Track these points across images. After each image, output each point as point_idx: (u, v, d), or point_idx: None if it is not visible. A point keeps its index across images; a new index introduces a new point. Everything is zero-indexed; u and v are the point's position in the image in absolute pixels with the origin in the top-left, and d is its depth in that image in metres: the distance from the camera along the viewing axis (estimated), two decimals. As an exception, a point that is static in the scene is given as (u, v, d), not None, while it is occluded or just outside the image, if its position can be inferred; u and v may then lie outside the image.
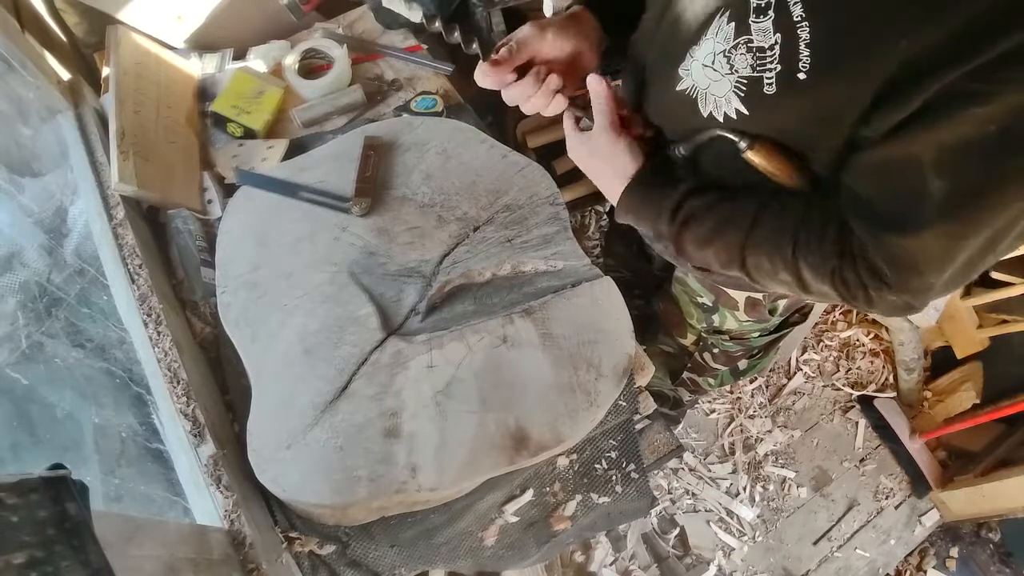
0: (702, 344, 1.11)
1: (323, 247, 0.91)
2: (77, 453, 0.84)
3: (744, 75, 0.57)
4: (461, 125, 1.04)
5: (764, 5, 0.53)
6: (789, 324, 1.02)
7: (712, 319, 1.02)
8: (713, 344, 1.08)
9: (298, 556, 0.76)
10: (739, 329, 1.01)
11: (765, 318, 0.97)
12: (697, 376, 1.21)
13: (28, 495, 0.40)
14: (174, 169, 1.00)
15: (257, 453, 0.76)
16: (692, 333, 1.10)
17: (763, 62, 0.55)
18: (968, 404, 1.68)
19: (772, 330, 1.02)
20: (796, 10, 0.51)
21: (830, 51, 0.51)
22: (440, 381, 0.79)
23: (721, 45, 0.58)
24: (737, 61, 0.57)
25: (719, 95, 0.60)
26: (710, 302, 0.98)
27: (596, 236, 2.00)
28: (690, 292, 1.01)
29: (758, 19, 0.54)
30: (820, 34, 0.51)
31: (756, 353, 1.09)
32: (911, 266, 0.55)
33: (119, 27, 1.09)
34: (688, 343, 1.14)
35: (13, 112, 0.98)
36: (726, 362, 1.12)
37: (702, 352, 1.13)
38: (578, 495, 0.86)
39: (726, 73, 0.58)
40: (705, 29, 0.60)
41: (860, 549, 1.65)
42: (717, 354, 1.10)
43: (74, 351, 0.90)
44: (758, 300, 0.93)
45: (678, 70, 0.65)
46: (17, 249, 0.95)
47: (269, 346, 0.83)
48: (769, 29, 0.53)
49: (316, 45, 1.15)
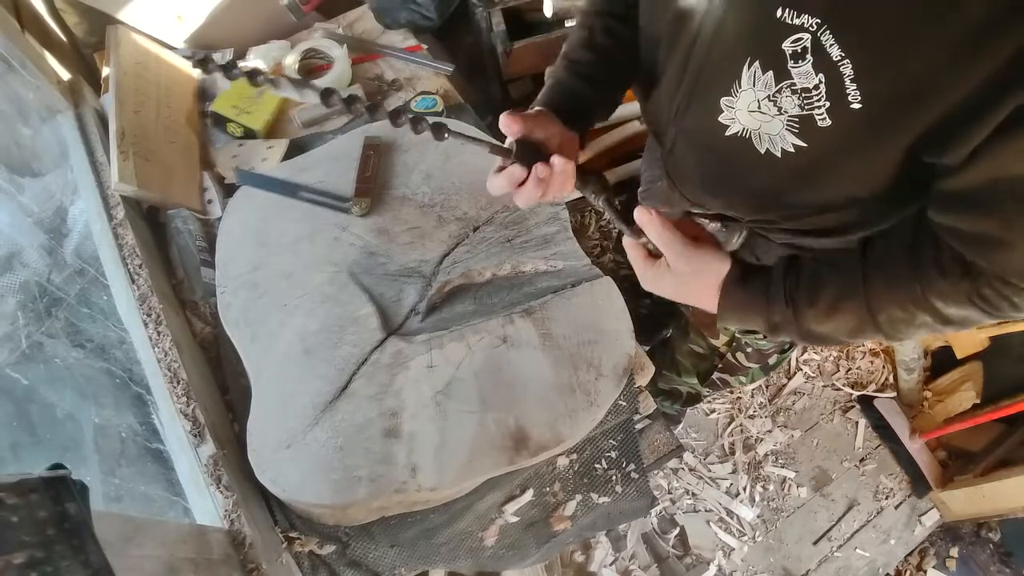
0: (735, 345, 1.11)
1: (323, 247, 0.91)
2: (77, 453, 0.84)
3: (794, 114, 0.57)
4: (461, 125, 1.04)
5: (801, 51, 0.53)
6: None
7: None
8: (747, 343, 1.08)
9: (298, 556, 0.76)
10: None
11: None
12: (729, 376, 1.21)
13: (28, 495, 0.40)
14: (174, 169, 1.00)
15: (257, 453, 0.76)
16: (725, 334, 1.10)
17: (811, 101, 0.55)
18: (968, 404, 1.68)
19: None
20: (835, 51, 0.50)
21: (880, 84, 0.50)
22: (440, 381, 0.79)
23: (763, 92, 0.58)
24: (784, 103, 0.57)
25: (773, 133, 0.60)
26: None
27: (596, 236, 2.00)
28: None
29: (796, 64, 0.53)
30: (865, 68, 0.50)
31: (787, 347, 1.09)
32: None
33: (119, 27, 1.09)
34: (720, 344, 1.13)
35: (13, 112, 0.98)
36: (759, 360, 1.11)
37: (735, 352, 1.12)
38: (578, 495, 0.86)
39: (775, 115, 0.58)
40: (736, 79, 0.60)
41: (860, 549, 1.65)
42: (751, 353, 1.10)
43: (74, 351, 0.90)
44: None
45: (718, 119, 0.64)
46: (17, 249, 0.95)
47: (269, 346, 0.83)
48: (810, 72, 0.53)
49: (316, 45, 1.15)
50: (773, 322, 0.65)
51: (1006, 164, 0.48)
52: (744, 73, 0.59)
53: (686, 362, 1.29)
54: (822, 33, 0.50)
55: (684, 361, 1.29)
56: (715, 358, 1.19)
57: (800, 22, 0.51)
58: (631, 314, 0.86)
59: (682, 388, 1.41)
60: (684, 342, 1.25)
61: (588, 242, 1.98)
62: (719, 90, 0.62)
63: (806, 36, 0.51)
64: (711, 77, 0.63)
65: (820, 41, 0.50)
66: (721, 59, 0.60)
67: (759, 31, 0.55)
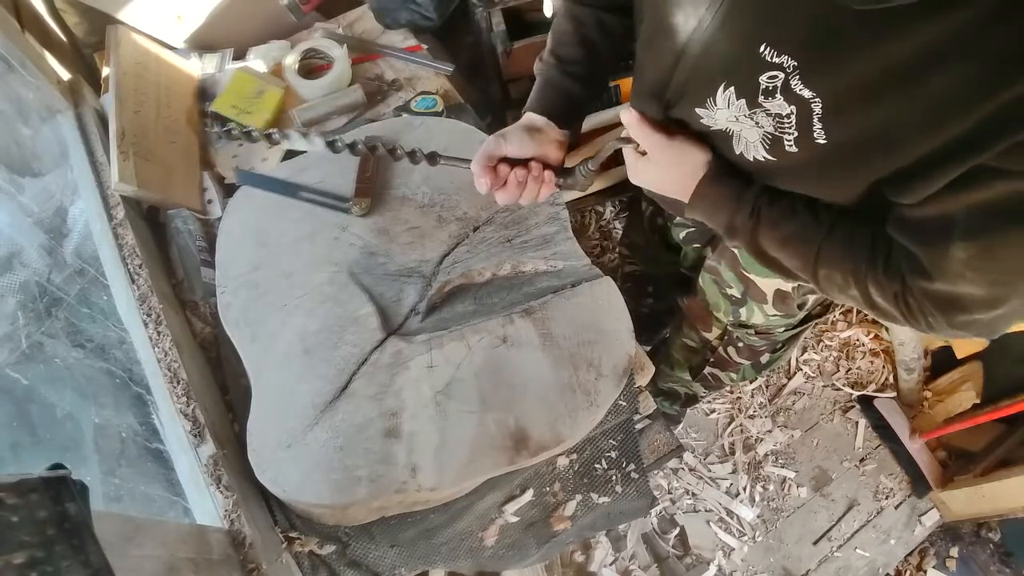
0: (727, 338, 1.11)
1: (323, 247, 0.91)
2: (77, 453, 0.84)
3: (768, 131, 0.59)
4: (461, 125, 1.04)
5: (772, 88, 0.55)
6: (812, 318, 1.03)
7: (739, 312, 1.02)
8: (738, 338, 1.09)
9: (298, 556, 0.76)
10: (765, 323, 1.01)
11: (793, 312, 0.97)
12: (720, 371, 1.21)
13: (28, 495, 0.40)
14: (174, 169, 1.00)
15: (257, 453, 0.76)
16: (717, 327, 1.11)
17: (782, 126, 0.57)
18: (968, 404, 1.68)
19: (796, 324, 1.03)
20: (805, 92, 0.52)
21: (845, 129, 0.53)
22: (440, 381, 0.79)
23: (737, 112, 0.61)
24: (760, 119, 0.59)
25: (750, 140, 0.63)
26: (739, 293, 0.99)
27: (596, 236, 2.00)
28: (721, 282, 1.01)
29: (766, 99, 0.56)
30: (832, 112, 0.52)
31: (779, 347, 1.09)
32: (955, 306, 0.56)
33: (119, 27, 1.09)
34: (712, 337, 1.14)
35: (13, 112, 0.98)
36: (749, 356, 1.12)
37: (726, 346, 1.13)
38: (578, 495, 0.86)
39: (751, 126, 0.61)
40: (711, 97, 0.62)
41: (860, 549, 1.65)
42: (741, 348, 1.11)
43: (74, 351, 0.90)
44: (787, 293, 0.93)
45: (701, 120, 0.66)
46: (17, 249, 0.95)
47: (269, 346, 0.83)
48: (783, 103, 0.55)
49: (316, 45, 1.15)
50: (733, 225, 0.69)
51: (951, 211, 0.52)
52: (719, 94, 0.61)
53: (679, 356, 1.29)
54: (793, 75, 0.52)
55: (677, 355, 1.30)
56: (707, 352, 1.19)
57: (779, 61, 0.53)
58: (632, 314, 0.86)
59: (679, 388, 1.41)
60: (678, 336, 1.26)
61: (588, 242, 1.98)
62: (698, 102, 0.65)
63: (780, 75, 0.53)
64: (693, 92, 0.65)
65: (790, 83, 0.53)
66: (700, 78, 0.63)
67: (739, 62, 0.57)
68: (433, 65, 1.19)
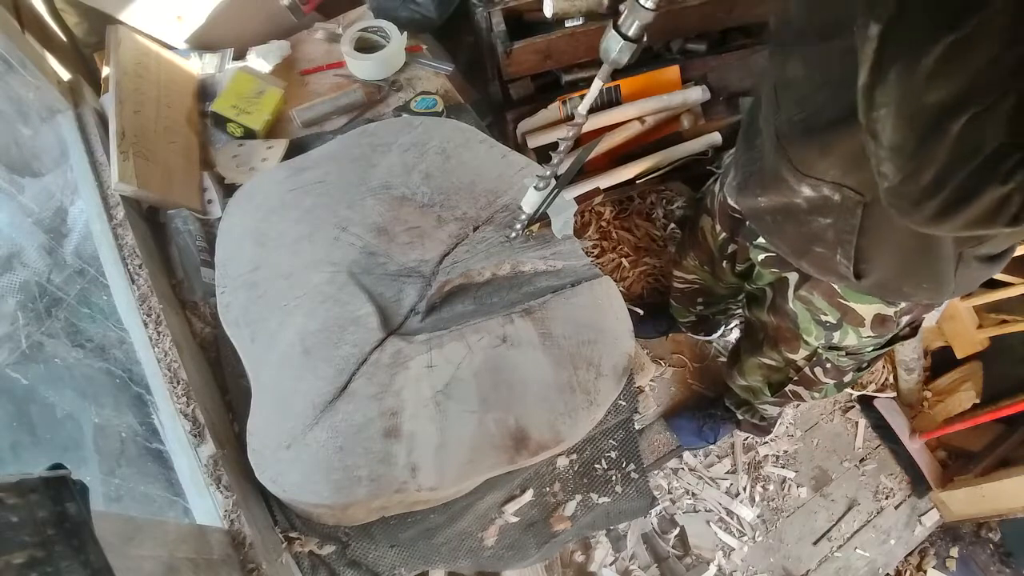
0: (815, 359, 1.10)
1: (323, 247, 0.91)
2: (77, 453, 0.84)
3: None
4: (461, 125, 1.04)
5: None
6: (900, 338, 1.02)
7: (832, 336, 1.01)
8: (827, 359, 1.08)
9: (298, 556, 0.76)
10: (858, 345, 1.01)
11: (889, 332, 0.96)
12: (804, 389, 1.21)
13: (28, 495, 0.40)
14: (174, 169, 1.00)
15: (257, 453, 0.76)
16: (806, 348, 1.10)
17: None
18: (968, 404, 1.68)
19: (884, 344, 1.02)
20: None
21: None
22: (440, 381, 0.79)
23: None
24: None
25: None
26: (835, 319, 0.98)
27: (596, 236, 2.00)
28: (813, 310, 1.00)
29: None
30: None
31: (864, 366, 1.09)
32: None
33: (119, 27, 1.09)
34: (798, 358, 1.13)
35: (13, 112, 0.98)
36: (835, 376, 1.11)
37: (813, 367, 1.12)
38: (578, 495, 0.86)
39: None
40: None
41: (860, 549, 1.65)
42: (829, 368, 1.10)
43: (74, 351, 0.90)
44: (888, 316, 0.92)
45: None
46: (17, 249, 0.95)
47: (269, 346, 0.83)
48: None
49: (379, 24, 1.19)
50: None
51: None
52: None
53: (755, 374, 1.29)
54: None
55: (751, 373, 1.30)
56: (790, 371, 1.19)
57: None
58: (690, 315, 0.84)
59: (746, 396, 1.41)
60: (754, 355, 1.25)
61: (588, 242, 1.98)
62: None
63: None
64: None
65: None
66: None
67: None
68: (433, 65, 1.19)
